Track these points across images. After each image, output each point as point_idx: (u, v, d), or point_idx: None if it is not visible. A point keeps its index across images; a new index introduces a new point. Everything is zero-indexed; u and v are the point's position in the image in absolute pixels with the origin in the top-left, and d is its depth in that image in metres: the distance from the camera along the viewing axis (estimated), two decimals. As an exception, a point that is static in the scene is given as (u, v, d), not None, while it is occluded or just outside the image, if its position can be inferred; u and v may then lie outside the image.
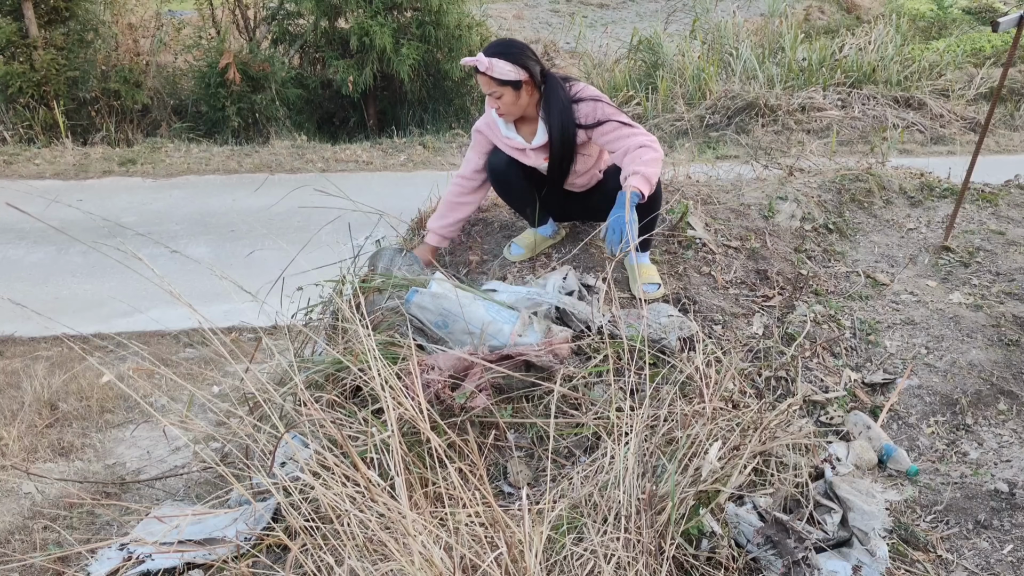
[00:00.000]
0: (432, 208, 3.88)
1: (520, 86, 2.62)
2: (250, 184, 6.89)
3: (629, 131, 2.66)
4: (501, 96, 2.64)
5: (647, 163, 2.56)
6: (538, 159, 2.84)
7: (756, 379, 2.62)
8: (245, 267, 4.42)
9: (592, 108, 2.70)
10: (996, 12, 12.03)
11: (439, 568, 1.47)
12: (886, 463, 2.39)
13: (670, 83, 9.39)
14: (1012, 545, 2.02)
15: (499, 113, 2.75)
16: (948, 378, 2.76)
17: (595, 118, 2.70)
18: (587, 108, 2.71)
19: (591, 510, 1.85)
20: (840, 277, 3.34)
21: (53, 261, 5.43)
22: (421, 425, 1.54)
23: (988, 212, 4.02)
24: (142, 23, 9.92)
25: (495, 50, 2.60)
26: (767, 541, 1.86)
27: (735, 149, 7.36)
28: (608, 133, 2.68)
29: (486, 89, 2.66)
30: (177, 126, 8.95)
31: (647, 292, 2.86)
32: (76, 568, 2.12)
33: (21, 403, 3.56)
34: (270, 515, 2.13)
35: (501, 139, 2.86)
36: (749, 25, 11.32)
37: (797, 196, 3.78)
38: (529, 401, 2.41)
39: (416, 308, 2.59)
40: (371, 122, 9.58)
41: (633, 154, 2.59)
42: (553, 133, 2.71)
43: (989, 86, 9.56)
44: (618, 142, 2.67)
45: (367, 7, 8.75)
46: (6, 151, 7.69)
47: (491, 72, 2.58)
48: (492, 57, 2.57)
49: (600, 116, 2.69)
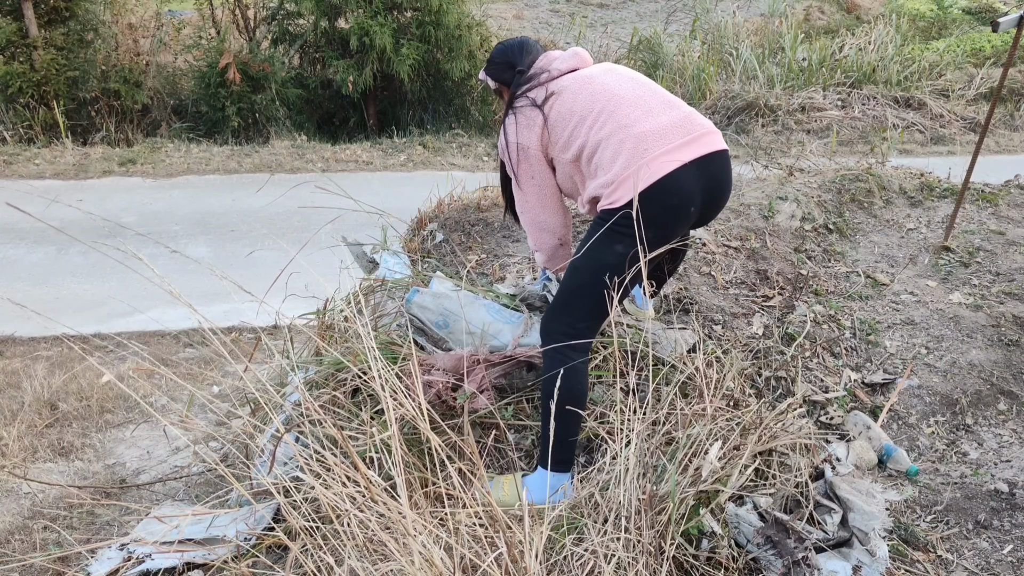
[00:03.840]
0: (432, 208, 3.89)
1: (501, 93, 2.49)
2: (250, 184, 6.89)
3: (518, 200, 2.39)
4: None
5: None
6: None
7: (756, 379, 2.62)
8: (245, 267, 4.42)
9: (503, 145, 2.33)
10: (996, 12, 12.03)
11: (439, 568, 1.47)
12: (886, 463, 2.39)
13: (670, 83, 9.39)
14: (1012, 545, 2.02)
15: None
16: (948, 378, 2.76)
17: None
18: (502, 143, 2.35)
19: (591, 510, 1.85)
20: (840, 277, 3.34)
21: (53, 261, 5.43)
22: (421, 425, 1.54)
23: (988, 212, 4.02)
24: (142, 23, 9.91)
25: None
26: (767, 541, 1.86)
27: (735, 149, 7.36)
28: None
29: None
30: (177, 126, 8.95)
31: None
32: (76, 568, 2.12)
33: (21, 403, 3.56)
34: (271, 515, 2.13)
35: None
36: (749, 25, 11.32)
37: (797, 196, 3.78)
38: (530, 402, 2.41)
39: (417, 308, 2.60)
40: (371, 122, 9.58)
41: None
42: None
43: (989, 86, 9.56)
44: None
45: (367, 7, 8.75)
46: (6, 151, 7.68)
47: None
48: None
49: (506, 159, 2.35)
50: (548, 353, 2.09)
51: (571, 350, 2.06)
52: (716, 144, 2.11)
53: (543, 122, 2.21)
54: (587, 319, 2.09)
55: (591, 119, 2.12)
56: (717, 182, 2.13)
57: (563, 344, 2.06)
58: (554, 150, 2.23)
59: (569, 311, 2.11)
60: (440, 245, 3.69)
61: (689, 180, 2.04)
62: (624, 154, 2.04)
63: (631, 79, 2.22)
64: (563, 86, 2.21)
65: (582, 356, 2.08)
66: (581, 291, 2.09)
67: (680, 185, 2.03)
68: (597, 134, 2.10)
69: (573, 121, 2.15)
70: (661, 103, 2.14)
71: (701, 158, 2.05)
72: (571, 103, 2.17)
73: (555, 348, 2.07)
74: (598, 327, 2.15)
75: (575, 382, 2.06)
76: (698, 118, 2.16)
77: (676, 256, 2.56)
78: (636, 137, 2.05)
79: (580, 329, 2.09)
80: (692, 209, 2.09)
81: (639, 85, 2.20)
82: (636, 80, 2.23)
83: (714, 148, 2.10)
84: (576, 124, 2.15)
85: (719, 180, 2.14)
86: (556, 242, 2.38)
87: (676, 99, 2.21)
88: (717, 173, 2.12)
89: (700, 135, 2.09)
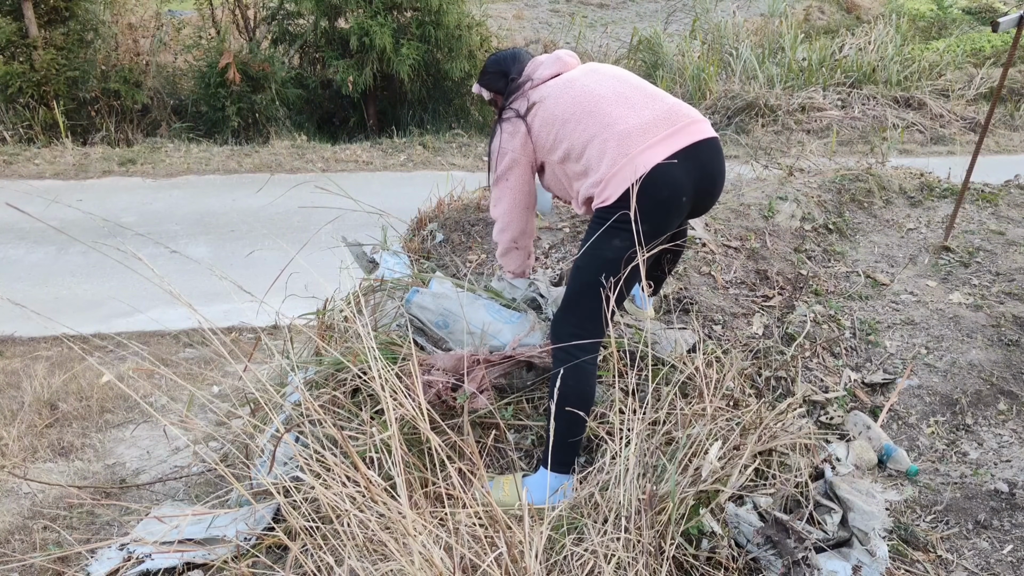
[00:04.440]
0: (432, 208, 3.89)
1: (496, 103, 2.54)
2: (250, 184, 6.89)
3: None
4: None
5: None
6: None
7: (756, 379, 2.62)
8: (245, 267, 4.42)
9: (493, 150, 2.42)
10: (996, 12, 12.04)
11: (439, 568, 1.47)
12: (886, 463, 2.39)
13: (670, 83, 9.40)
14: (1012, 545, 2.02)
15: None
16: (948, 378, 2.76)
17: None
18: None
19: (591, 510, 1.85)
20: (840, 277, 3.34)
21: (53, 261, 5.43)
22: (421, 425, 1.54)
23: (988, 212, 4.02)
24: (142, 23, 9.91)
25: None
26: (767, 541, 1.86)
27: (735, 149, 7.36)
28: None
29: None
30: (177, 126, 8.95)
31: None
32: (76, 568, 2.12)
33: (21, 403, 3.56)
34: (271, 515, 2.13)
35: None
36: (749, 25, 11.32)
37: (797, 196, 3.78)
38: (530, 402, 2.41)
39: (417, 308, 2.60)
40: (371, 122, 9.58)
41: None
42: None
43: (989, 86, 9.57)
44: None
45: (367, 7, 8.75)
46: (6, 151, 7.68)
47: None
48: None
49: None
50: (557, 354, 2.10)
51: (580, 350, 2.08)
52: (703, 132, 2.12)
53: (526, 131, 2.27)
54: (595, 317, 2.10)
55: (574, 122, 2.15)
56: (707, 171, 2.14)
57: (571, 344, 2.07)
58: (542, 153, 2.27)
59: (577, 311, 2.13)
60: (440, 245, 3.69)
61: (677, 171, 2.05)
62: (609, 152, 2.06)
63: (613, 77, 2.24)
64: (546, 93, 2.25)
65: (590, 355, 2.09)
66: (586, 290, 2.10)
67: (668, 177, 2.04)
68: (582, 135, 2.13)
69: (557, 125, 2.19)
70: (644, 98, 2.16)
71: (687, 148, 2.06)
72: (553, 108, 2.20)
73: (564, 348, 2.08)
74: (607, 324, 2.16)
75: (584, 383, 2.07)
76: (683, 108, 2.17)
77: (675, 255, 2.57)
78: (620, 135, 2.07)
79: (589, 328, 2.10)
80: (684, 200, 2.10)
81: (621, 82, 2.21)
82: (618, 78, 2.24)
83: (701, 136, 2.11)
84: (560, 127, 2.18)
85: (709, 168, 2.15)
86: (511, 242, 2.47)
87: (660, 92, 2.22)
88: (707, 161, 2.13)
89: (685, 125, 2.10)
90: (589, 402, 2.11)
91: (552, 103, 2.22)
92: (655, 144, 2.05)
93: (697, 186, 2.11)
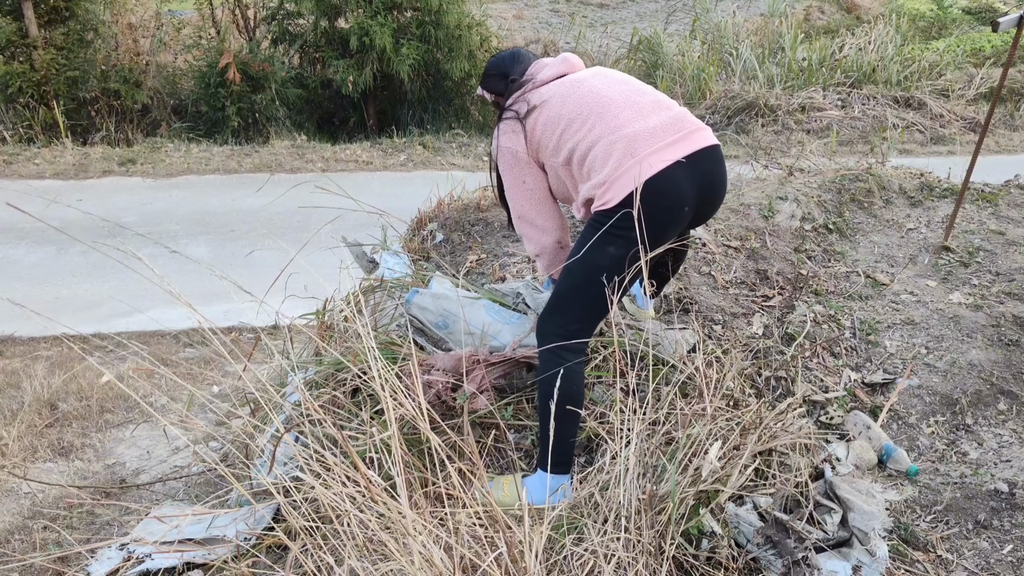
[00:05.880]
0: (432, 208, 3.89)
1: (498, 104, 2.49)
2: (250, 184, 6.89)
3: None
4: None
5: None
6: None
7: (756, 379, 2.62)
8: (245, 267, 4.42)
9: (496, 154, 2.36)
10: (996, 12, 12.04)
11: (439, 568, 1.47)
12: (886, 463, 2.39)
13: (670, 83, 9.40)
14: (1012, 545, 2.02)
15: None
16: (948, 378, 2.76)
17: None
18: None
19: (591, 510, 1.85)
20: (840, 277, 3.34)
21: (53, 261, 5.43)
22: (421, 425, 1.54)
23: (988, 212, 4.02)
24: (142, 23, 9.91)
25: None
26: (767, 541, 1.86)
27: (735, 149, 7.36)
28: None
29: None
30: (177, 126, 8.95)
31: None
32: (76, 568, 2.12)
33: (21, 403, 3.56)
34: (271, 515, 2.13)
35: None
36: (749, 25, 11.32)
37: (797, 196, 3.78)
38: (529, 402, 2.41)
39: (416, 308, 2.60)
40: (371, 122, 9.58)
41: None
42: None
43: (989, 86, 9.57)
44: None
45: (367, 7, 8.75)
46: (6, 151, 7.68)
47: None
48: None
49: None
50: (543, 355, 2.09)
51: (566, 351, 2.06)
52: (706, 140, 2.11)
53: (526, 133, 2.24)
54: (579, 321, 2.09)
55: (579, 122, 2.13)
56: (709, 179, 2.13)
57: (557, 345, 2.06)
58: (545, 154, 2.24)
59: (561, 312, 2.12)
60: (440, 245, 3.69)
61: (681, 178, 2.04)
62: (615, 154, 2.05)
63: (621, 81, 2.23)
64: (550, 94, 2.22)
65: (577, 357, 2.08)
66: (573, 292, 2.09)
67: (672, 184, 2.03)
68: (588, 136, 2.11)
69: (562, 125, 2.16)
70: (652, 104, 2.15)
71: (692, 155, 2.05)
72: (559, 108, 2.18)
73: (550, 350, 2.07)
74: (592, 328, 2.15)
75: (571, 383, 2.05)
76: (688, 116, 2.16)
77: (677, 256, 2.56)
78: (627, 138, 2.05)
79: (573, 331, 2.09)
80: (686, 209, 2.09)
81: (629, 87, 2.21)
82: (626, 82, 2.23)
83: (704, 144, 2.10)
84: (564, 128, 2.16)
85: (711, 177, 2.14)
86: (554, 242, 2.36)
87: (668, 100, 2.21)
88: (709, 170, 2.12)
89: (689, 132, 2.10)
90: (579, 401, 2.10)
91: (559, 102, 2.19)
92: (661, 149, 2.04)
93: (699, 195, 2.11)
